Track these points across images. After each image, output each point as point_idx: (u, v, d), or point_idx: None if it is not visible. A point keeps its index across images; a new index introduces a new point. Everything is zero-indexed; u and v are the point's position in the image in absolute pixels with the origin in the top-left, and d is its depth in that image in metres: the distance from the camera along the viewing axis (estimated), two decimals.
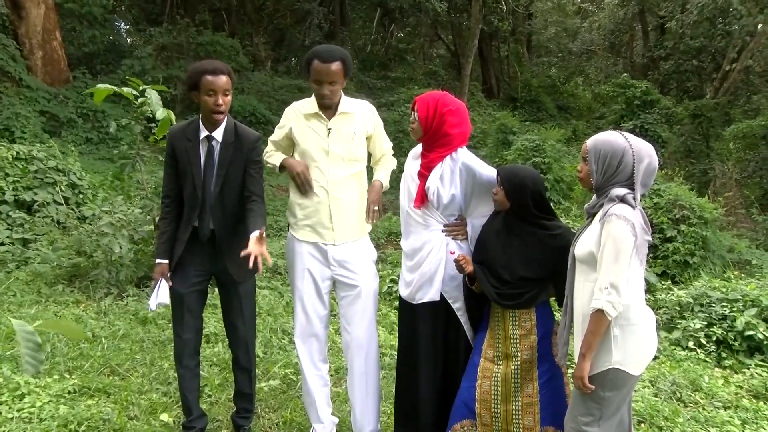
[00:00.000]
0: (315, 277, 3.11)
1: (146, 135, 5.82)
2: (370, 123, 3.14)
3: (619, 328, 2.35)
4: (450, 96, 2.95)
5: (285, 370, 4.16)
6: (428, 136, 2.91)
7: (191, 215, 3.01)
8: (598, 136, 2.45)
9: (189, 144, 2.99)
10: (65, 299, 5.33)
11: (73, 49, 15.65)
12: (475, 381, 2.82)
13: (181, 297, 3.05)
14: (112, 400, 3.62)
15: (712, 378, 4.45)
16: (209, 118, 2.94)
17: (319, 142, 3.05)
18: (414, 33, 26.40)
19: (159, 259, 3.06)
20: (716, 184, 12.28)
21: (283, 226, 9.50)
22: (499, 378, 2.79)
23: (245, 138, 3.02)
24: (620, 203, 2.34)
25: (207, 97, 2.88)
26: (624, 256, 2.28)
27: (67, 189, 7.47)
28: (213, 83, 2.86)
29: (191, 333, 3.10)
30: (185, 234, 3.03)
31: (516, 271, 2.74)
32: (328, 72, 2.92)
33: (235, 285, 3.07)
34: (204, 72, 2.87)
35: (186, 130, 3.03)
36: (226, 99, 2.91)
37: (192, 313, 3.09)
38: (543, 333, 2.78)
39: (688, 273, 7.16)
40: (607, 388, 2.38)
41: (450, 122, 2.87)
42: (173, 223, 3.08)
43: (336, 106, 3.05)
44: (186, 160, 2.99)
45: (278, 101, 17.30)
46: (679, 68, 20.96)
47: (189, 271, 3.06)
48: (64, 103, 13.12)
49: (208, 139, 2.98)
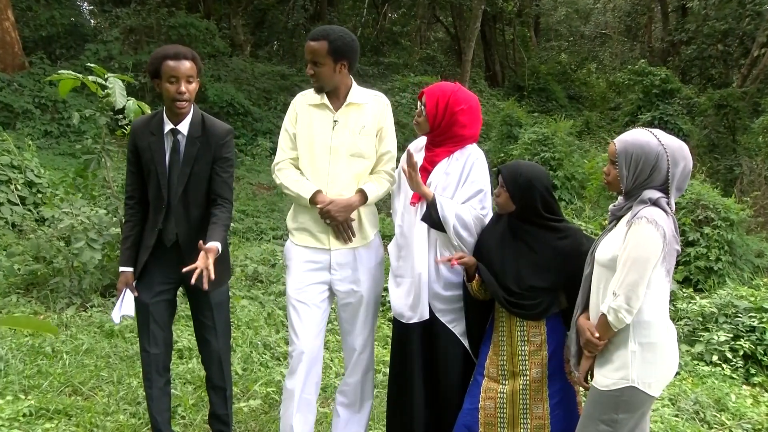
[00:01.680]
0: (312, 284, 3.12)
1: (112, 128, 5.80)
2: (381, 117, 3.13)
3: (638, 345, 2.37)
4: (463, 90, 2.97)
5: (266, 388, 4.16)
6: (435, 133, 2.94)
7: (156, 218, 3.01)
8: (628, 137, 2.45)
9: (153, 138, 2.98)
10: (21, 311, 5.30)
11: (29, 31, 15.58)
12: (478, 402, 2.82)
13: (146, 307, 3.04)
14: (74, 422, 3.60)
15: (740, 396, 4.48)
16: (172, 108, 2.93)
17: (321, 135, 3.05)
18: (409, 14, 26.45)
19: (123, 267, 3.06)
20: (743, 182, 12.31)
21: (264, 228, 9.51)
22: (505, 399, 2.78)
23: (213, 131, 3.00)
24: (652, 206, 2.36)
25: (168, 84, 2.88)
26: (646, 265, 2.30)
27: (23, 188, 7.44)
28: (175, 69, 2.86)
29: (159, 347, 3.10)
30: (151, 239, 3.02)
31: (525, 280, 2.74)
32: (310, 49, 2.96)
33: (206, 294, 3.05)
34: (165, 57, 2.87)
35: (149, 123, 3.03)
36: (189, 87, 2.91)
37: (159, 325, 3.08)
38: (554, 348, 2.77)
39: (712, 280, 7.20)
40: (621, 410, 2.39)
41: (461, 122, 2.90)
42: (138, 226, 3.08)
43: (344, 96, 3.07)
44: (149, 156, 2.98)
45: (259, 90, 17.30)
46: (703, 54, 21.07)
47: (154, 279, 3.05)
48: (19, 91, 13.06)
49: (173, 132, 2.97)
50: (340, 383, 3.34)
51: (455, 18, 25.12)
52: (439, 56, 24.95)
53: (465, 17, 23.32)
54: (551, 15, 28.98)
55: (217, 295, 3.11)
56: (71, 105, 12.97)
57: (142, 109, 5.13)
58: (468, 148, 2.95)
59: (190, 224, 3.01)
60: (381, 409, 3.87)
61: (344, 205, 2.99)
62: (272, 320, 5.46)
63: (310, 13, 23.51)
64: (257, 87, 17.41)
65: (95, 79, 5.17)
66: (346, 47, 2.98)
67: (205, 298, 3.09)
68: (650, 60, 21.65)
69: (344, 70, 3.02)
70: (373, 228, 3.19)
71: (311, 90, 3.12)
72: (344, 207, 2.99)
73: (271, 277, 6.62)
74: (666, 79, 16.61)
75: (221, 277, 3.02)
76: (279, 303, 5.77)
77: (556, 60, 26.21)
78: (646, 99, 16.63)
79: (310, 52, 2.96)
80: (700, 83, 21.54)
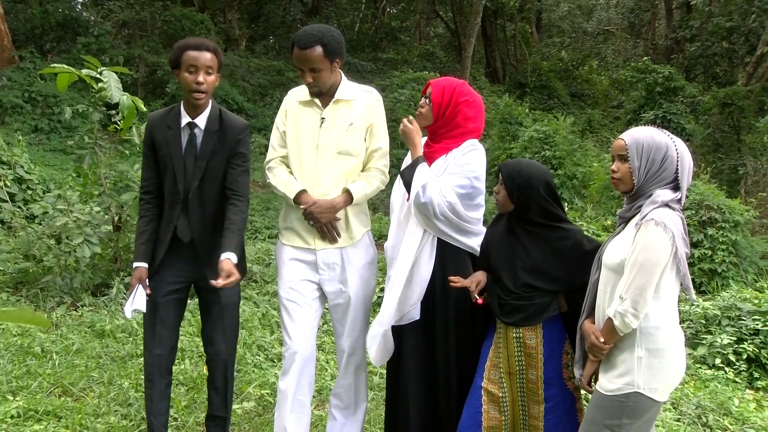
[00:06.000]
0: (302, 283, 3.12)
1: (105, 123, 5.80)
2: (371, 113, 3.12)
3: (645, 351, 2.37)
4: (467, 86, 3.01)
5: (261, 390, 4.16)
6: (438, 125, 2.95)
7: (172, 213, 3.01)
8: (635, 131, 2.48)
9: (169, 132, 2.98)
10: (10, 309, 5.29)
11: (19, 24, 15.56)
12: (481, 407, 2.81)
13: (154, 306, 3.03)
14: (63, 424, 3.60)
15: (743, 401, 4.48)
16: (189, 100, 2.94)
17: (309, 133, 3.06)
18: (409, 9, 26.47)
19: (137, 262, 3.05)
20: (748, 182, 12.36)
21: (258, 227, 9.52)
22: (507, 402, 2.80)
23: (231, 126, 3.01)
24: (663, 207, 2.36)
25: (187, 74, 2.89)
26: (655, 269, 2.30)
27: (12, 184, 7.44)
28: (195, 59, 2.87)
29: (164, 348, 3.09)
30: (167, 234, 3.02)
31: (520, 279, 2.74)
32: (306, 59, 2.93)
33: (217, 294, 3.04)
34: (187, 47, 2.90)
35: (166, 116, 3.03)
36: (209, 78, 2.91)
37: (166, 325, 3.07)
38: (550, 352, 2.75)
39: (715, 282, 7.21)
40: (626, 415, 2.38)
41: (465, 113, 2.92)
42: (153, 222, 3.07)
43: (333, 93, 3.06)
44: (165, 150, 2.98)
45: (254, 86, 17.29)
46: (707, 51, 21.10)
47: (165, 278, 3.03)
48: (9, 86, 13.05)
49: (190, 126, 2.97)
50: (334, 386, 3.35)
51: (455, 13, 25.14)
52: (439, 52, 24.92)
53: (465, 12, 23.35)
54: (553, 10, 28.99)
55: (228, 296, 3.09)
56: (62, 100, 12.96)
57: (136, 104, 5.13)
58: (466, 143, 2.94)
59: (205, 220, 3.01)
60: (377, 412, 3.88)
61: (327, 206, 2.99)
62: (266, 321, 5.47)
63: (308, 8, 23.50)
64: (252, 83, 17.40)
65: (89, 72, 5.16)
66: (337, 44, 2.98)
67: (215, 298, 3.08)
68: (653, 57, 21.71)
69: (338, 67, 3.02)
70: (363, 227, 3.18)
71: (303, 86, 3.11)
72: (327, 208, 2.99)
73: (265, 276, 6.63)
74: (669, 77, 16.65)
75: None
76: (273, 303, 5.77)
77: (557, 57, 26.27)
78: (649, 97, 16.67)
79: (306, 61, 2.93)
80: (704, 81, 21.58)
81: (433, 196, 2.81)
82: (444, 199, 2.82)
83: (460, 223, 2.88)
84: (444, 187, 2.83)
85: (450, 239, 2.91)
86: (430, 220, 2.86)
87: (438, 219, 2.84)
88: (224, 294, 3.05)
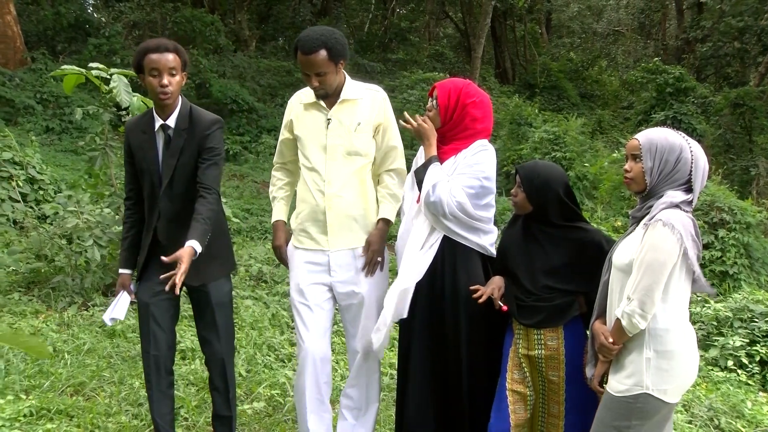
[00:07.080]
0: (314, 287, 3.12)
1: (115, 124, 5.82)
2: (378, 112, 3.11)
3: (654, 352, 2.36)
4: (474, 86, 3.00)
5: (271, 390, 4.17)
6: (446, 128, 2.94)
7: (151, 217, 3.02)
8: (649, 132, 2.48)
9: (144, 137, 2.99)
10: (22, 309, 5.33)
11: (32, 25, 15.66)
12: (508, 407, 2.78)
13: (147, 307, 3.04)
14: (75, 423, 3.62)
15: (756, 403, 4.45)
16: (157, 102, 2.94)
17: (316, 136, 3.06)
18: (418, 10, 26.46)
19: (121, 269, 3.09)
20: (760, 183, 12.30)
21: (268, 228, 9.50)
22: (532, 399, 2.80)
23: (199, 122, 2.98)
24: (672, 208, 2.35)
25: (151, 78, 2.87)
26: (662, 269, 2.29)
27: (24, 184, 7.47)
28: (156, 62, 2.85)
29: (161, 349, 3.09)
30: (147, 238, 3.03)
31: (540, 280, 2.74)
32: (310, 63, 2.92)
33: (207, 294, 3.05)
34: (147, 50, 2.87)
35: (140, 122, 3.04)
36: (173, 80, 2.89)
37: (160, 325, 3.06)
38: (571, 353, 2.75)
39: (727, 284, 7.18)
40: (635, 416, 2.37)
41: (472, 115, 2.91)
42: (135, 227, 3.10)
43: (338, 93, 3.06)
44: (141, 155, 2.99)
45: (263, 86, 17.33)
46: (719, 51, 20.98)
47: (153, 278, 3.02)
48: (21, 87, 13.12)
49: (164, 128, 2.96)
50: (345, 386, 3.35)
51: (465, 14, 25.12)
52: (448, 53, 24.91)
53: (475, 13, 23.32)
54: (563, 11, 28.94)
55: (218, 295, 3.09)
56: (73, 101, 13.02)
57: (147, 105, 5.14)
58: (476, 143, 2.93)
59: (176, 217, 2.97)
60: (388, 413, 3.87)
61: (381, 237, 3.12)
62: (277, 321, 5.47)
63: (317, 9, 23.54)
64: (261, 83, 17.44)
65: (98, 74, 5.19)
66: (341, 46, 2.96)
67: (205, 297, 3.08)
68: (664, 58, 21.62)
69: (342, 67, 3.02)
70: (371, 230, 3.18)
71: (307, 88, 3.11)
72: (382, 240, 3.13)
73: (275, 277, 6.63)
74: (680, 78, 16.56)
75: (216, 272, 3.05)
76: (284, 304, 5.78)
77: (567, 57, 26.18)
78: (659, 98, 16.58)
79: (311, 65, 2.91)
80: (715, 82, 21.48)
81: (443, 196, 2.81)
82: (453, 198, 2.81)
83: (470, 221, 2.88)
84: (453, 187, 2.83)
85: (460, 238, 2.91)
86: (440, 219, 2.87)
87: (447, 218, 2.85)
88: (215, 293, 3.07)
